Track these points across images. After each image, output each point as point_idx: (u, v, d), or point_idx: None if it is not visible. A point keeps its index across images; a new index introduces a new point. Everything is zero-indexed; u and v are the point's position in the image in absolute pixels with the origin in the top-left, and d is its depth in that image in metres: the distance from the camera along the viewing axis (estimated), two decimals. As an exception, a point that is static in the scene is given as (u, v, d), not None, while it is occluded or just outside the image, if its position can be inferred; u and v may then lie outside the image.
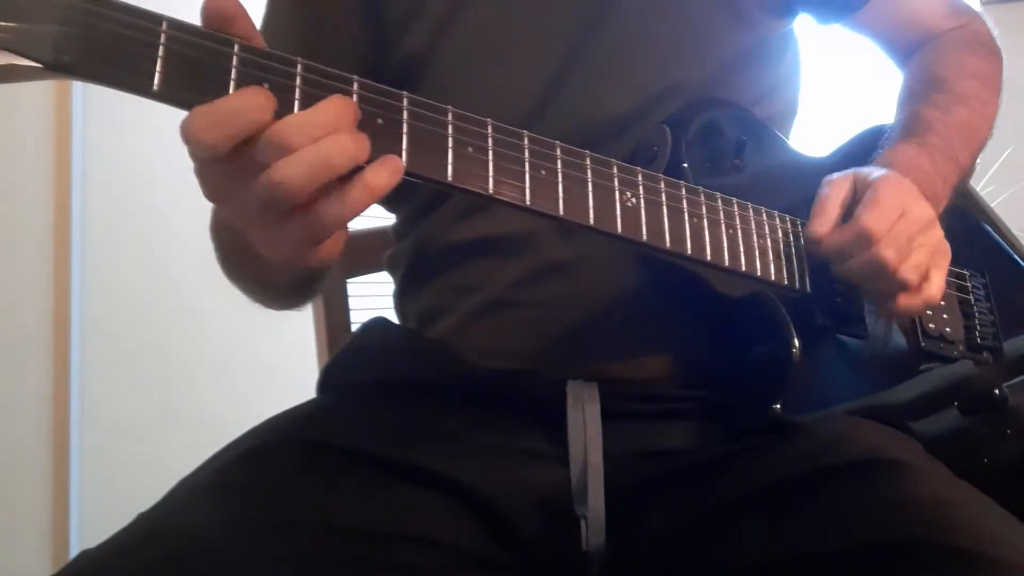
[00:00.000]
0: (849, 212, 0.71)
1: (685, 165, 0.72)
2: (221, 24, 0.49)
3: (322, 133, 0.49)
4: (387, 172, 0.51)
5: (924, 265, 0.71)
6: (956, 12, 0.95)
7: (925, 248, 0.71)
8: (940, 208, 0.80)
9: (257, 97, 0.48)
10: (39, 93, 1.80)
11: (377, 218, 0.97)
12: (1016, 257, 0.94)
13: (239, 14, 0.50)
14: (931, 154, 0.81)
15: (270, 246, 0.53)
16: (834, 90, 2.05)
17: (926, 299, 0.73)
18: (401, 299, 0.86)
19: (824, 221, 0.71)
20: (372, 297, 1.12)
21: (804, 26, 0.91)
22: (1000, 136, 0.90)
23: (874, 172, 0.73)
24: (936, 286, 0.73)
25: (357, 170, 0.50)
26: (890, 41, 0.95)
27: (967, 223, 0.92)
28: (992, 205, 0.98)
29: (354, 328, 0.97)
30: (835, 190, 0.72)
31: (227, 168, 0.50)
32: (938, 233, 0.73)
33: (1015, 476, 0.79)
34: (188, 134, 0.47)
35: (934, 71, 0.90)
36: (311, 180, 0.48)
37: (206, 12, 0.49)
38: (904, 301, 0.72)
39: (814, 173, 0.81)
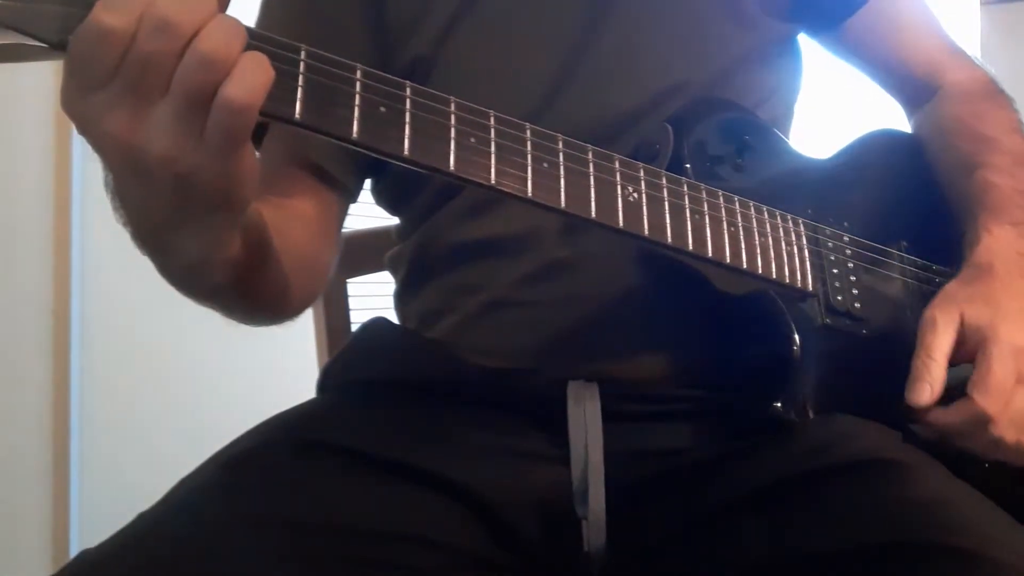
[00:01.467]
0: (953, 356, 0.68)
1: (687, 165, 0.72)
2: None
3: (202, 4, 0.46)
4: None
5: None
6: (953, 51, 0.93)
7: None
8: None
9: None
10: (39, 93, 1.80)
11: (377, 218, 0.97)
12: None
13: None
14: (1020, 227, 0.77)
15: (197, 171, 0.48)
16: (834, 90, 2.05)
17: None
18: (402, 299, 0.86)
19: (927, 389, 0.68)
20: (372, 297, 1.12)
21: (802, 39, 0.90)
22: (1000, 136, 0.89)
23: (986, 319, 0.69)
24: None
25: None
26: (888, 69, 0.93)
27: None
28: (992, 205, 0.97)
29: (354, 328, 0.97)
30: (939, 338, 0.69)
31: (130, 83, 0.45)
32: None
33: (1014, 477, 0.79)
34: (89, 35, 0.44)
35: (977, 128, 0.86)
36: (230, 45, 0.46)
37: None
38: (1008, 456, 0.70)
39: (817, 174, 0.82)
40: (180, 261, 0.56)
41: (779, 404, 0.71)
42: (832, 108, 2.07)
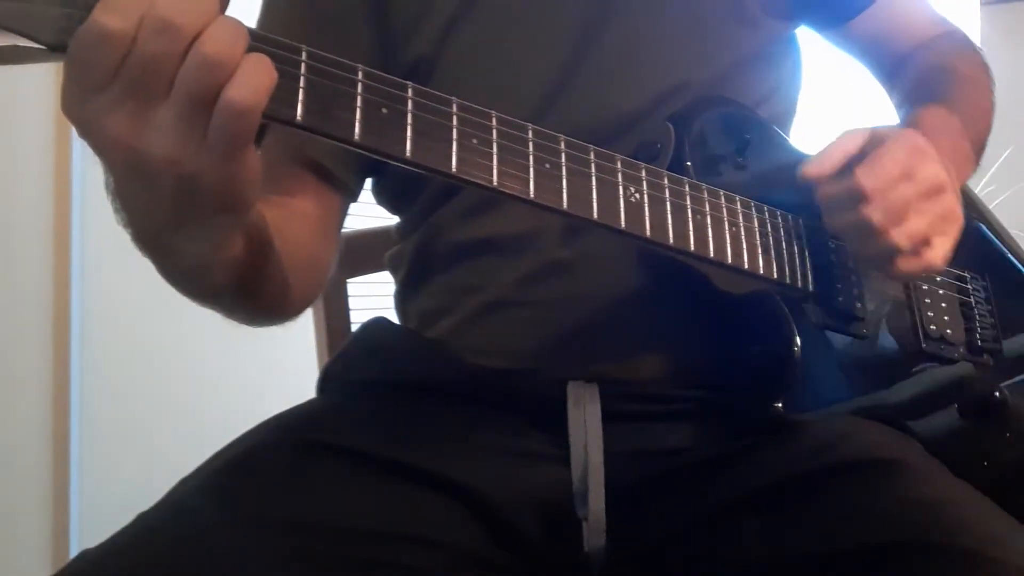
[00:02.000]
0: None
1: (688, 163, 0.71)
2: None
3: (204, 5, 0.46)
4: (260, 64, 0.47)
5: (922, 232, 0.68)
6: (939, 22, 0.96)
7: (925, 214, 0.68)
8: (970, 173, 0.79)
9: None
10: (39, 93, 1.80)
11: (377, 218, 0.97)
12: (1013, 260, 0.94)
13: None
14: (960, 116, 0.80)
15: (200, 174, 0.48)
16: (835, 90, 2.05)
17: (926, 266, 0.70)
18: (402, 299, 0.86)
19: (819, 164, 0.69)
20: (372, 297, 1.12)
21: (804, 32, 0.91)
22: (1000, 136, 0.90)
23: (892, 131, 0.71)
24: (939, 253, 0.70)
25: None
26: (879, 53, 0.95)
27: (965, 224, 0.92)
28: (992, 205, 0.98)
29: (354, 328, 0.97)
30: (844, 139, 0.69)
31: (131, 86, 0.45)
32: (946, 200, 0.70)
33: (1014, 478, 0.79)
34: (89, 38, 0.44)
35: (936, 61, 0.90)
36: (234, 46, 0.45)
37: None
38: (902, 265, 0.69)
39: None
40: (182, 263, 0.55)
41: (780, 404, 0.71)
42: (832, 107, 2.07)
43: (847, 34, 0.93)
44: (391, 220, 0.90)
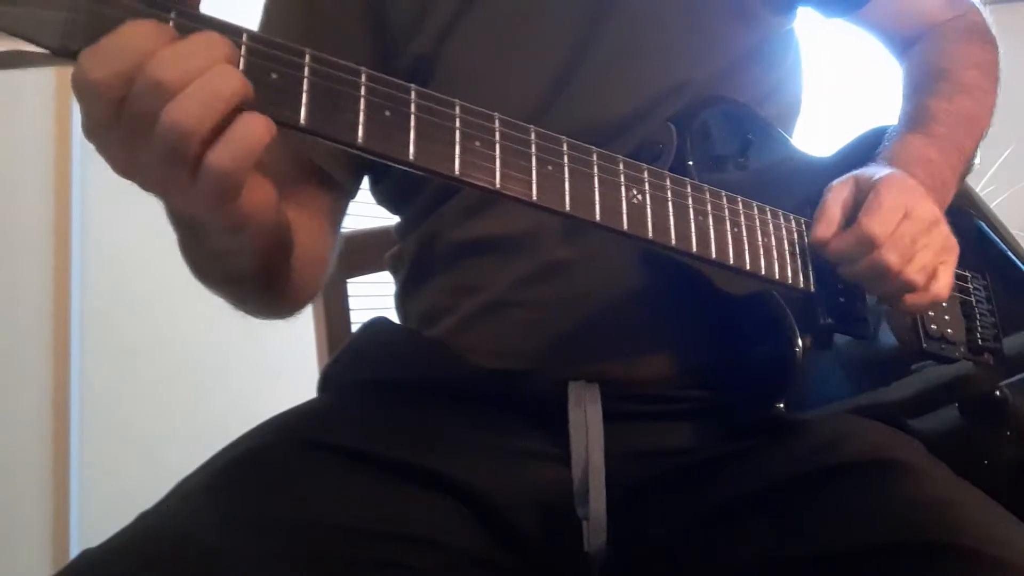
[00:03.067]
0: (854, 215, 0.71)
1: (690, 163, 0.71)
2: None
3: (197, 63, 0.46)
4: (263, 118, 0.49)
5: (930, 265, 0.72)
6: (953, 3, 0.95)
7: (930, 248, 0.72)
8: (949, 197, 0.80)
9: (143, 26, 0.46)
10: (40, 93, 1.80)
11: (377, 218, 0.97)
12: (1014, 258, 0.94)
13: None
14: (938, 144, 0.82)
15: (194, 207, 0.51)
16: (835, 89, 2.05)
17: (934, 297, 0.73)
18: (403, 299, 0.86)
19: (826, 225, 0.71)
20: (372, 297, 1.12)
21: (806, 23, 0.91)
22: (1000, 136, 0.90)
23: (877, 173, 0.74)
24: (944, 283, 0.73)
25: None
26: (890, 34, 0.96)
27: (965, 223, 0.92)
28: (992, 205, 0.98)
29: (354, 328, 0.97)
30: (836, 194, 0.73)
31: (125, 129, 0.47)
32: (943, 230, 0.74)
33: (1015, 476, 0.79)
34: (78, 80, 0.45)
35: (936, 62, 0.90)
36: (203, 115, 0.46)
37: None
38: (912, 300, 0.72)
39: (818, 172, 0.81)
40: (212, 245, 0.57)
41: (781, 405, 0.71)
42: (833, 106, 2.07)
43: (854, 18, 0.93)
44: (391, 220, 0.90)
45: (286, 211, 0.66)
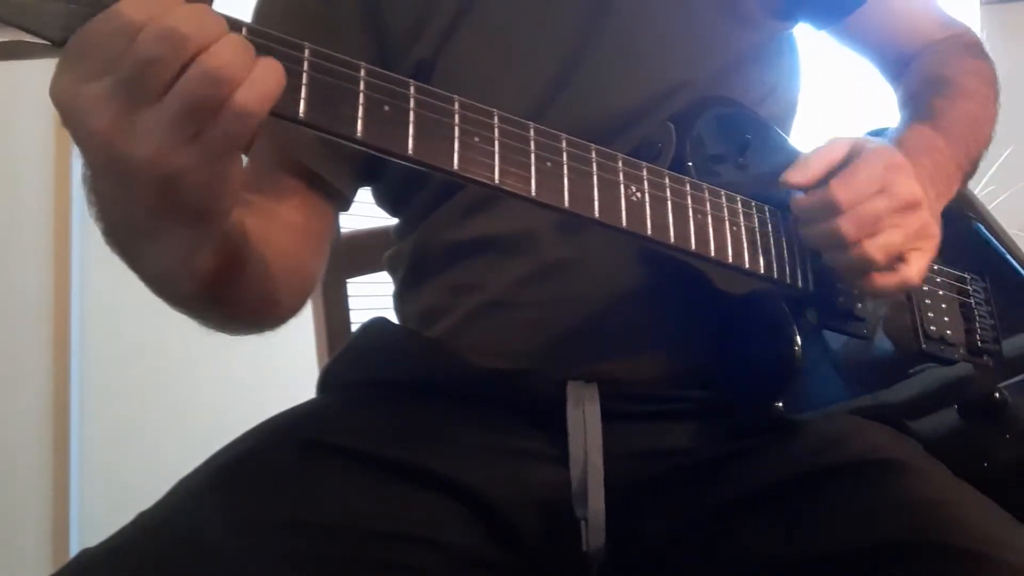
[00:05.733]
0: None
1: (689, 163, 0.71)
2: None
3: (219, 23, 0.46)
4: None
5: (896, 246, 0.69)
6: (949, 24, 0.95)
7: (900, 229, 0.69)
8: (951, 192, 0.78)
9: None
10: (40, 93, 1.80)
11: (377, 218, 0.97)
12: (1012, 260, 0.94)
13: None
14: (945, 137, 0.80)
15: (192, 168, 0.47)
16: (833, 90, 2.05)
17: (901, 280, 0.70)
18: (401, 299, 0.86)
19: (800, 173, 0.69)
20: (372, 297, 1.12)
21: (804, 30, 0.91)
22: (1000, 136, 0.90)
23: (874, 143, 0.71)
24: (916, 270, 0.71)
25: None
26: (884, 53, 0.95)
27: (964, 225, 0.92)
28: (992, 205, 0.98)
29: (354, 328, 0.97)
30: (828, 149, 0.70)
31: (126, 88, 0.45)
32: (922, 216, 0.71)
33: (1014, 478, 0.79)
34: (115, 18, 0.44)
35: (937, 71, 0.90)
36: (241, 63, 0.46)
37: None
38: (878, 280, 0.70)
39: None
40: (149, 269, 0.56)
41: (780, 405, 0.71)
42: (831, 106, 2.07)
43: (848, 33, 0.93)
44: (391, 220, 0.90)
45: (263, 226, 0.65)
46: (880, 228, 0.68)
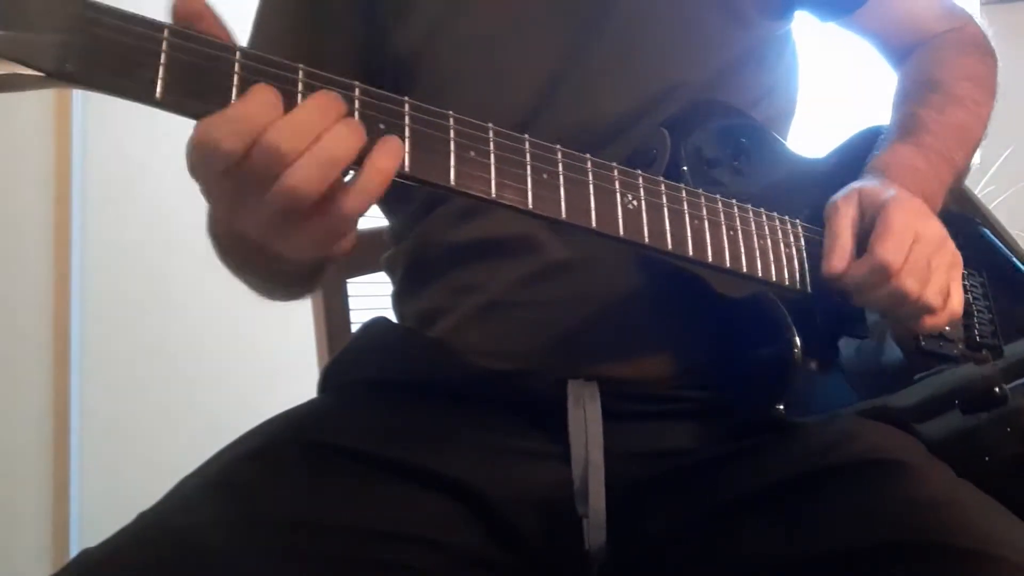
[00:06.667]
0: (862, 238, 0.71)
1: (684, 168, 0.72)
2: (189, 21, 0.49)
3: (315, 130, 0.50)
4: (391, 153, 0.52)
5: (945, 285, 0.71)
6: (951, 15, 0.96)
7: (942, 267, 0.71)
8: (936, 208, 0.80)
9: (266, 94, 0.49)
10: (39, 93, 1.80)
11: (377, 218, 0.97)
12: (1012, 258, 0.94)
13: (206, 13, 0.50)
14: (927, 155, 0.81)
15: (292, 249, 0.55)
16: (832, 90, 2.05)
17: (950, 315, 0.73)
18: (400, 301, 0.86)
19: (839, 256, 0.70)
20: (372, 297, 1.12)
21: (803, 25, 0.91)
22: (1000, 136, 0.90)
23: (881, 193, 0.72)
24: (957, 300, 0.73)
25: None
26: (886, 41, 0.96)
27: (963, 224, 0.92)
28: (992, 205, 0.98)
29: (354, 328, 0.97)
30: (842, 218, 0.72)
31: (238, 181, 0.50)
32: (950, 247, 0.73)
33: (1016, 475, 0.79)
34: (206, 144, 0.49)
35: (930, 73, 0.90)
36: (322, 179, 0.50)
37: (175, 10, 0.50)
38: (931, 321, 0.72)
39: (813, 174, 0.82)
40: (277, 267, 0.64)
41: (780, 406, 0.71)
42: (829, 106, 2.07)
43: (850, 22, 0.93)
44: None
45: None
46: (930, 274, 0.70)
